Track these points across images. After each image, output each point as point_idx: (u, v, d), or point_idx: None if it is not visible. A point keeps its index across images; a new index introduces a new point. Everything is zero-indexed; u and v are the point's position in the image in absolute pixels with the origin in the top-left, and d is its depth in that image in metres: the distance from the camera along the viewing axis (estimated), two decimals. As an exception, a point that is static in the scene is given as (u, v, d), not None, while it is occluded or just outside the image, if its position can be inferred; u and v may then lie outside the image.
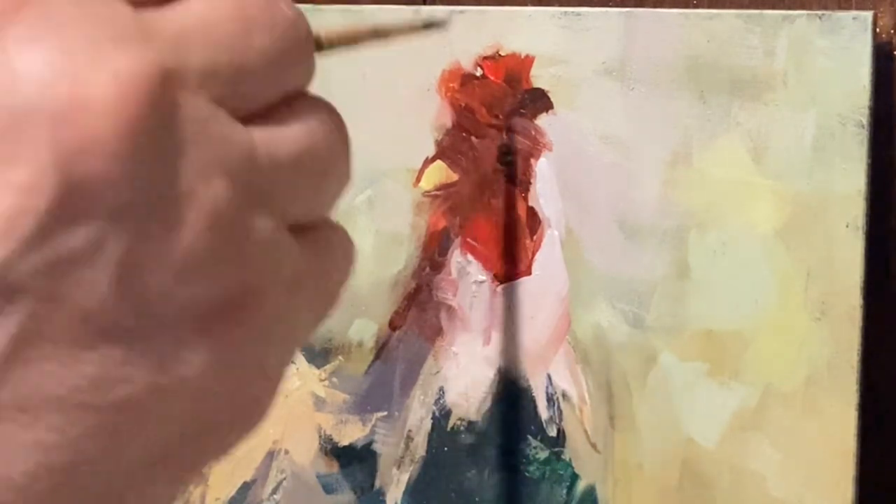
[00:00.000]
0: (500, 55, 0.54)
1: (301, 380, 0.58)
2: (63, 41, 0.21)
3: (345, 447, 0.57)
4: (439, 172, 0.56)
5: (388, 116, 0.57)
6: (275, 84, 0.24)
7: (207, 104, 0.22)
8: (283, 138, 0.24)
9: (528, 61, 0.53)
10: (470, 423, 0.55)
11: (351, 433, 0.57)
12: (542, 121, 0.53)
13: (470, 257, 0.55)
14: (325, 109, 0.26)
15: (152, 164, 0.21)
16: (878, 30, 0.47)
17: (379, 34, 0.45)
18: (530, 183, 0.53)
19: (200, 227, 0.22)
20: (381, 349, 0.58)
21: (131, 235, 0.21)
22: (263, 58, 0.24)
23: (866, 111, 0.46)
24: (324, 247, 0.26)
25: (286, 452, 0.58)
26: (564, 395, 0.53)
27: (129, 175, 0.21)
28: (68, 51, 0.21)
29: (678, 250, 0.50)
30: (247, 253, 0.23)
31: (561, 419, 0.53)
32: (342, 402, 0.57)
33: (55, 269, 0.20)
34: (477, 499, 0.55)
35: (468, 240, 0.55)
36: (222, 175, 0.22)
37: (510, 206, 0.54)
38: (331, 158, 0.25)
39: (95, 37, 0.21)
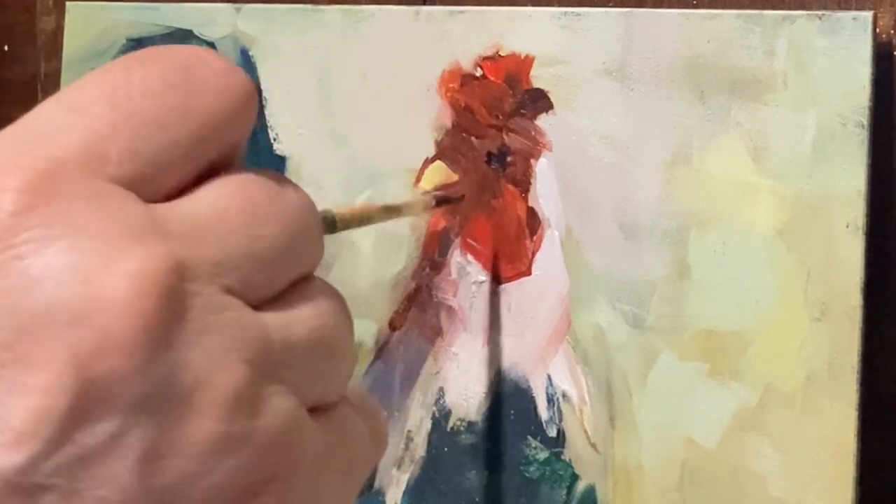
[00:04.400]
0: (500, 55, 0.54)
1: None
2: (76, 241, 0.21)
3: (345, 447, 0.57)
4: (439, 172, 0.56)
5: (388, 116, 0.57)
6: (285, 270, 0.25)
7: (221, 294, 0.23)
8: (296, 322, 0.24)
9: (528, 61, 0.53)
10: (470, 423, 0.55)
11: (351, 433, 0.57)
12: (542, 121, 0.53)
13: (470, 257, 0.55)
14: (331, 292, 0.26)
15: (168, 357, 0.21)
16: (878, 30, 0.47)
17: (391, 212, 0.47)
18: (530, 183, 0.53)
19: (220, 413, 0.22)
20: (381, 350, 0.58)
21: (151, 427, 0.21)
22: (273, 245, 0.24)
23: (866, 111, 0.46)
24: (342, 425, 0.26)
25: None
26: (564, 396, 0.53)
27: (146, 369, 0.21)
28: (81, 251, 0.21)
29: (678, 250, 0.50)
30: (268, 435, 0.23)
31: (561, 419, 0.53)
32: (342, 403, 0.57)
33: (78, 465, 0.21)
34: (477, 499, 0.55)
35: (468, 240, 0.55)
36: (240, 361, 0.23)
37: (510, 206, 0.54)
38: (339, 339, 0.26)
39: (108, 235, 0.21)
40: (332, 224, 0.36)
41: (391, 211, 0.47)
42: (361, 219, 0.42)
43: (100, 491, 0.21)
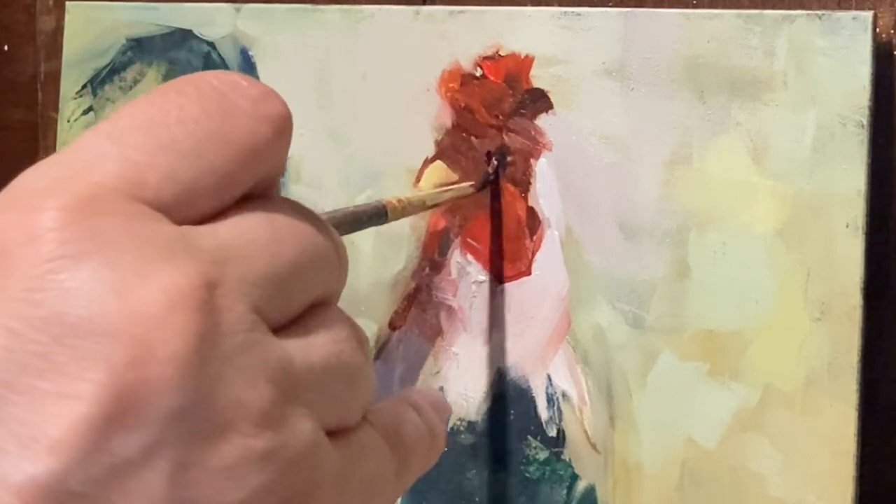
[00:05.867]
0: (499, 55, 0.54)
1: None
2: (109, 257, 0.22)
3: (345, 447, 0.57)
4: (439, 172, 0.56)
5: (388, 116, 0.57)
6: (304, 291, 0.25)
7: (249, 312, 0.23)
8: (314, 346, 0.25)
9: (527, 61, 0.53)
10: (470, 423, 0.55)
11: (351, 433, 0.57)
12: (542, 121, 0.53)
13: (470, 257, 0.55)
14: (347, 321, 0.27)
15: (204, 370, 0.22)
16: (878, 30, 0.47)
17: (436, 200, 0.49)
18: (530, 183, 0.53)
19: (249, 431, 0.23)
20: (381, 349, 0.58)
21: (184, 440, 0.22)
22: (293, 265, 0.25)
23: (866, 111, 0.46)
24: (360, 448, 0.27)
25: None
26: (564, 396, 0.53)
27: (183, 381, 0.22)
28: (114, 266, 0.22)
29: (678, 250, 0.50)
30: (292, 455, 0.23)
31: (561, 419, 0.53)
32: (342, 403, 0.57)
33: (110, 474, 0.21)
34: (477, 499, 0.55)
35: (468, 240, 0.55)
36: (266, 381, 0.23)
37: (510, 206, 0.54)
38: (356, 366, 0.26)
39: (140, 252, 0.22)
40: (384, 214, 0.38)
41: (438, 198, 0.50)
42: (413, 209, 0.44)
43: (130, 501, 0.21)
